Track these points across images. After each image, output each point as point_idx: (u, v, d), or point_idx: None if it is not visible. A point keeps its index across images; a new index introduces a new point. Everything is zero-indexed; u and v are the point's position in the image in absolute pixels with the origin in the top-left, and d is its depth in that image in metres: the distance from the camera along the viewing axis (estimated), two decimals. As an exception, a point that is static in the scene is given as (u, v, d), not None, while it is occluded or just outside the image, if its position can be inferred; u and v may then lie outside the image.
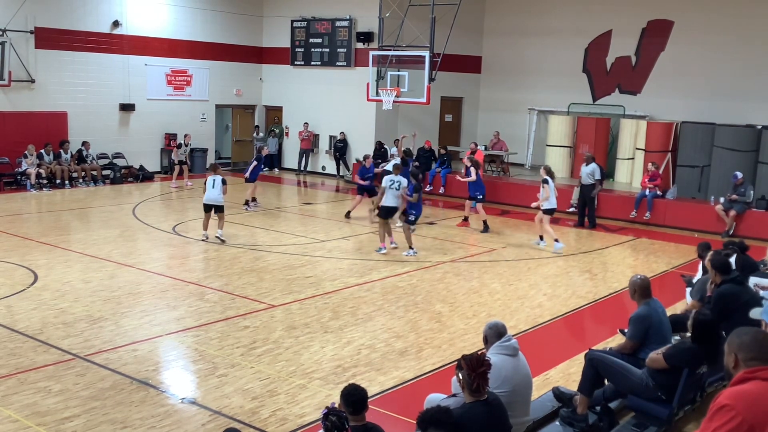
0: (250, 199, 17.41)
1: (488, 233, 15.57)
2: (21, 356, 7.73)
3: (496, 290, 11.16)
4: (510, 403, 5.12)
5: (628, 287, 6.72)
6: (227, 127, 25.91)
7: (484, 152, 19.77)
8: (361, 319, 9.46)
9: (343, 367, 7.76)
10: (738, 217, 16.13)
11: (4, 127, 19.11)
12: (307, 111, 23.91)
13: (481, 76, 25.14)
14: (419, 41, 19.01)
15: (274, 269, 11.87)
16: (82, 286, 10.52)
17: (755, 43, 19.24)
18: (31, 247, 12.73)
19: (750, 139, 17.74)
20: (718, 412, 2.99)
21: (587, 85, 22.60)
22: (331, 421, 4.45)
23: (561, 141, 21.30)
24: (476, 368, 4.60)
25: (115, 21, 21.07)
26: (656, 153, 18.91)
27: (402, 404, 6.90)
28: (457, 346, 8.49)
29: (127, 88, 21.52)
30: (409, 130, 22.96)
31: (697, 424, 6.38)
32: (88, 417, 6.37)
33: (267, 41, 25.09)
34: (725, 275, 7.22)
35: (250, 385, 7.18)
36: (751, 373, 3.06)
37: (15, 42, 19.02)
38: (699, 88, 20.17)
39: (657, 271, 12.72)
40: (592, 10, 22.07)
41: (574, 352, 8.26)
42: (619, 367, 6.13)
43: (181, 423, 6.36)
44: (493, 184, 19.87)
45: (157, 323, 9.02)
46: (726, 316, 6.65)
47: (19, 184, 18.93)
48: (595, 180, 16.45)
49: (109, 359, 7.73)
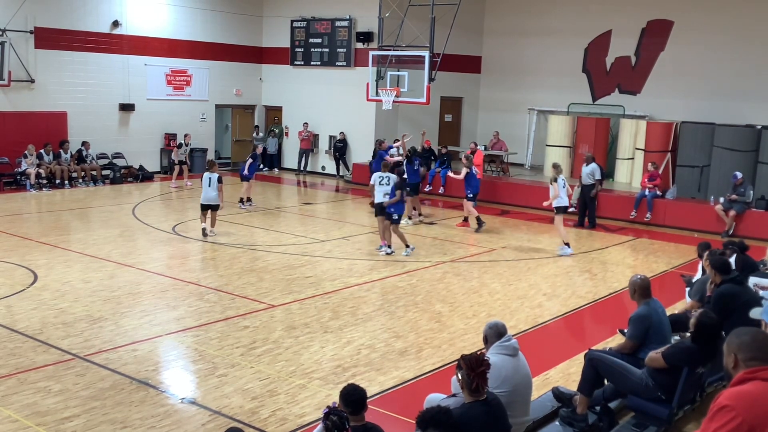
0: (245, 198, 17.43)
1: (483, 228, 15.53)
2: (21, 356, 7.73)
3: (495, 290, 11.17)
4: (510, 403, 5.12)
5: (628, 287, 6.72)
6: (227, 127, 25.91)
7: (483, 152, 19.76)
8: (361, 319, 9.46)
9: (342, 367, 7.76)
10: (738, 217, 16.13)
11: (3, 127, 19.11)
12: (307, 111, 23.91)
13: (480, 76, 25.15)
14: (419, 41, 19.01)
15: (274, 269, 11.87)
16: (82, 286, 10.52)
17: (755, 43, 19.24)
18: (31, 247, 12.73)
19: (750, 139, 17.74)
20: (719, 413, 2.98)
21: (587, 85, 22.60)
22: (332, 420, 4.46)
23: (561, 141, 21.29)
24: (475, 368, 4.60)
25: (115, 21, 21.07)
26: (656, 153, 18.91)
27: (402, 404, 6.90)
28: (456, 346, 8.49)
29: (126, 88, 21.52)
30: (408, 130, 22.94)
31: (697, 424, 6.38)
32: (87, 417, 6.37)
33: (267, 41, 25.10)
34: (725, 275, 7.22)
35: (249, 385, 7.18)
36: (751, 373, 3.06)
37: (15, 42, 19.02)
38: (699, 88, 20.17)
39: (657, 271, 12.72)
40: (591, 10, 22.08)
41: (573, 352, 8.26)
42: (619, 367, 6.13)
43: (180, 423, 6.36)
44: (492, 184, 19.89)
45: (156, 323, 9.03)
46: (726, 316, 6.65)
47: (19, 184, 18.93)
48: (595, 180, 16.46)
49: (109, 359, 7.73)
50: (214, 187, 13.75)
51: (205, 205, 13.91)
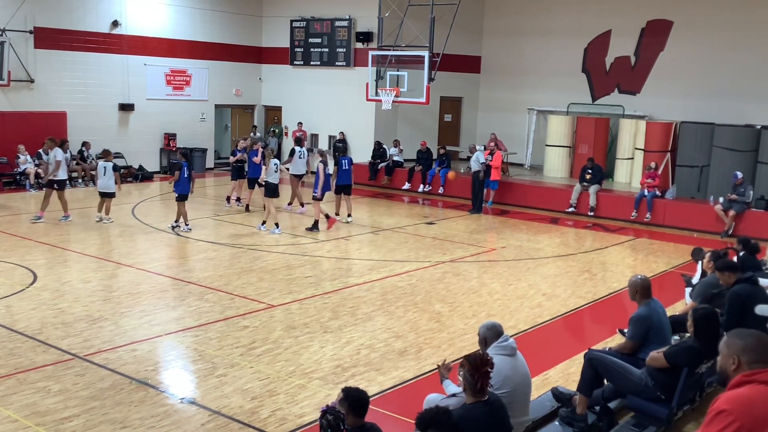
0: (233, 197, 17.52)
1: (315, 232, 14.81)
2: (20, 356, 7.73)
3: (495, 290, 11.16)
4: (510, 403, 5.11)
5: (629, 287, 6.71)
6: (226, 126, 25.92)
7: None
8: (361, 319, 9.46)
9: (342, 367, 7.76)
10: (737, 216, 16.13)
11: (3, 127, 19.10)
12: (307, 111, 23.91)
13: (480, 76, 25.14)
14: (419, 41, 19.01)
15: (274, 269, 11.87)
16: (82, 286, 10.51)
17: (755, 43, 19.24)
18: (31, 247, 12.72)
19: (749, 139, 17.74)
20: (716, 417, 2.96)
21: (587, 85, 22.60)
22: (328, 419, 4.45)
23: (560, 141, 21.29)
24: (480, 367, 4.58)
25: (115, 21, 21.06)
26: (655, 153, 18.91)
27: (401, 404, 6.90)
28: (456, 346, 8.49)
29: (126, 88, 21.52)
30: (409, 130, 22.99)
31: (697, 424, 6.38)
32: (87, 417, 6.37)
33: (266, 41, 25.09)
34: (739, 275, 7.22)
35: (249, 385, 7.18)
36: (749, 376, 3.03)
37: (14, 42, 19.01)
38: (698, 88, 20.17)
39: (656, 271, 12.72)
40: (591, 10, 22.07)
41: (573, 352, 8.26)
42: (619, 367, 6.13)
43: (180, 423, 6.36)
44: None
45: (156, 323, 9.02)
46: (741, 315, 6.65)
47: (19, 183, 18.94)
48: (480, 164, 17.78)
49: (109, 359, 7.73)
50: (110, 175, 14.68)
51: (102, 192, 14.90)
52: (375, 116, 22.25)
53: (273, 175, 14.54)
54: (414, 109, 21.92)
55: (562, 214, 18.27)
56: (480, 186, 18.14)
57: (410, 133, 22.96)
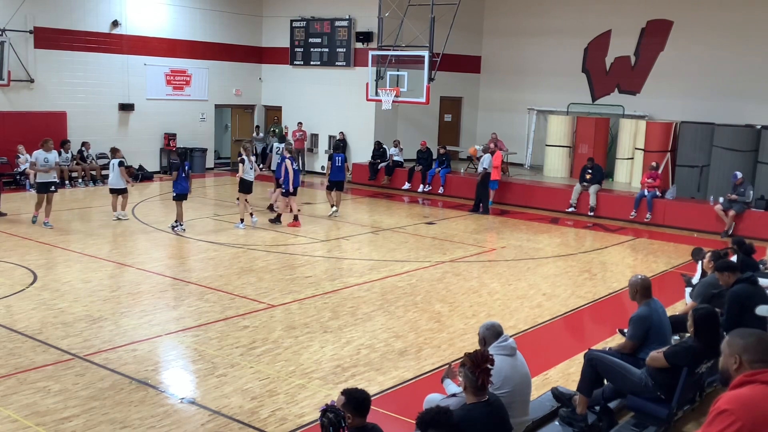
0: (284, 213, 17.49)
1: (277, 225, 15.48)
2: (20, 356, 7.73)
3: (495, 290, 11.16)
4: (510, 404, 5.11)
5: (629, 287, 6.71)
6: (226, 127, 25.91)
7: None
8: (361, 318, 9.46)
9: (342, 366, 7.76)
10: (737, 216, 16.13)
11: (3, 127, 19.10)
12: (307, 111, 23.91)
13: (480, 76, 25.14)
14: (418, 41, 19.01)
15: (274, 269, 11.87)
16: (82, 286, 10.51)
17: (755, 43, 19.24)
18: (31, 247, 12.72)
19: (749, 139, 17.74)
20: (718, 417, 2.96)
21: (586, 85, 22.60)
22: (329, 418, 4.44)
23: (560, 141, 21.30)
24: (480, 364, 4.57)
25: (115, 21, 21.06)
26: (655, 153, 18.92)
27: (401, 404, 6.90)
28: (456, 346, 8.49)
29: (126, 88, 21.51)
30: (409, 130, 22.99)
31: (697, 423, 6.39)
32: (87, 417, 6.37)
33: (266, 41, 25.09)
34: (739, 275, 7.22)
35: (249, 385, 7.18)
36: (751, 376, 3.03)
37: (14, 42, 19.00)
38: (698, 88, 20.17)
39: (656, 271, 12.72)
40: (591, 10, 22.07)
41: (573, 352, 8.26)
42: (619, 367, 6.13)
43: (180, 423, 6.36)
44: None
45: (156, 323, 9.02)
46: (741, 315, 6.65)
47: (19, 183, 18.93)
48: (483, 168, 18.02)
49: (109, 359, 7.73)
50: (116, 172, 15.19)
51: (112, 189, 15.38)
52: (375, 116, 22.25)
53: (249, 173, 15.25)
54: (414, 109, 21.91)
55: (562, 214, 18.28)
56: (486, 187, 18.12)
57: (410, 133, 22.95)
